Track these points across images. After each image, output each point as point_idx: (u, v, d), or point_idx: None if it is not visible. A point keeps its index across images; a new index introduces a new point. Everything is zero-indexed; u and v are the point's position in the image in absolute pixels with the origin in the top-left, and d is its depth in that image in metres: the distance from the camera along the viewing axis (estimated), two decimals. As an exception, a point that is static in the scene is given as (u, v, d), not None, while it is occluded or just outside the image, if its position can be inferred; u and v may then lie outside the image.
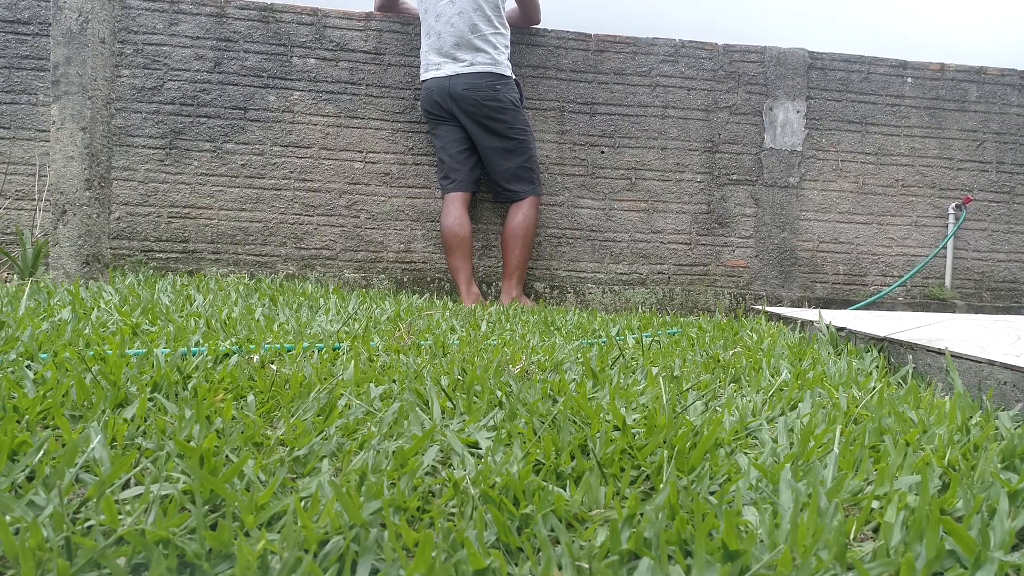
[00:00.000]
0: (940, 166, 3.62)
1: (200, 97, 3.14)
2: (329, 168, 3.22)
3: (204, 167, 3.15)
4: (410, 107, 3.25)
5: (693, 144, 3.44)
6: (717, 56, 3.44)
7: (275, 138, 3.19)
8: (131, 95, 3.10)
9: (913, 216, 3.60)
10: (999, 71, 3.66)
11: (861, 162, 3.55)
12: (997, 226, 3.67)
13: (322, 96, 3.21)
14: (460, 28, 2.93)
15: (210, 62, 3.14)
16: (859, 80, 3.54)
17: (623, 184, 3.40)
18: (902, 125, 3.58)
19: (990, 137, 3.64)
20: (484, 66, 2.96)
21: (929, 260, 3.53)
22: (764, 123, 3.47)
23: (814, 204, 3.53)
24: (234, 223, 3.18)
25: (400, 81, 3.25)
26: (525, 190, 3.11)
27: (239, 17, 3.16)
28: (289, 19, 3.19)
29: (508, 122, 3.02)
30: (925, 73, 3.60)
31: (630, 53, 3.39)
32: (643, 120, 3.40)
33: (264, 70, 3.18)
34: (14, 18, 3.04)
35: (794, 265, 3.52)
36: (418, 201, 3.28)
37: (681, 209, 3.44)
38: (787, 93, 3.48)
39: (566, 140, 3.36)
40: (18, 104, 3.06)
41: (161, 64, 3.12)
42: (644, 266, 3.42)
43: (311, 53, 3.20)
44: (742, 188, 3.47)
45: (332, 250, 3.23)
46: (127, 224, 3.11)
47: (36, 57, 3.06)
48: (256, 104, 3.18)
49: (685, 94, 3.43)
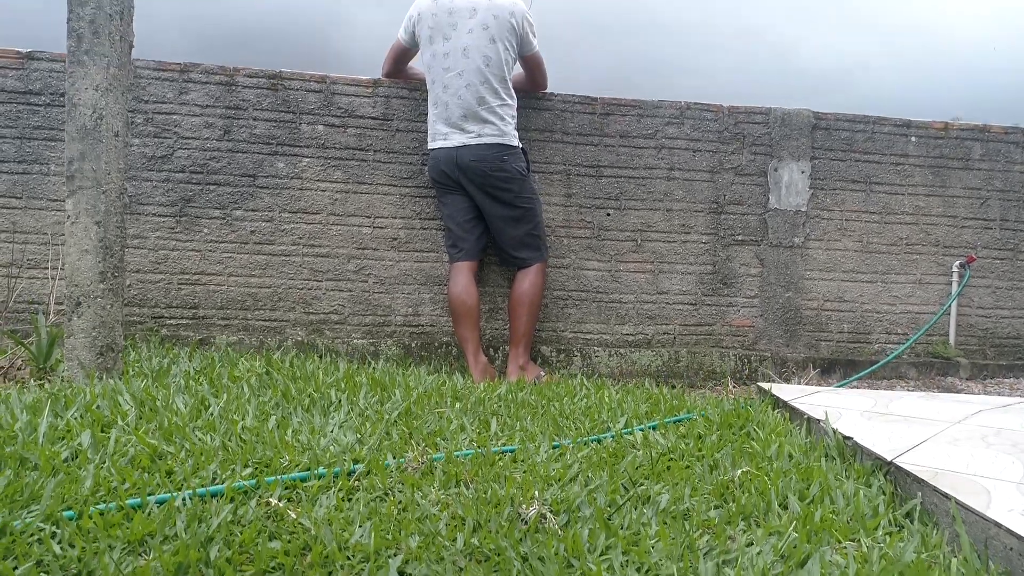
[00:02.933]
0: (944, 224, 3.64)
1: (210, 165, 3.17)
2: (338, 234, 3.25)
3: (214, 234, 3.18)
4: (418, 172, 3.28)
5: (698, 205, 3.46)
6: (722, 118, 3.47)
7: (284, 205, 3.22)
8: (142, 164, 3.13)
9: (917, 274, 3.62)
10: (1003, 129, 3.68)
11: (865, 221, 3.58)
12: (1001, 283, 3.69)
13: (331, 162, 3.24)
14: (467, 100, 2.96)
15: (220, 130, 3.17)
16: (863, 139, 3.56)
17: (629, 246, 3.43)
18: (906, 184, 3.60)
19: (994, 195, 3.66)
20: (491, 137, 2.98)
21: (934, 322, 3.55)
22: (769, 183, 3.49)
23: (819, 263, 3.55)
24: (243, 289, 3.21)
25: (408, 147, 3.28)
26: (532, 257, 3.14)
27: (248, 85, 3.19)
28: (298, 86, 3.22)
29: (515, 191, 3.04)
30: (929, 132, 3.62)
31: (636, 116, 3.42)
32: (649, 182, 3.43)
33: (273, 137, 3.20)
34: (26, 89, 3.07)
35: (799, 324, 3.54)
36: (425, 265, 3.31)
37: (687, 270, 3.46)
38: (792, 154, 3.50)
39: (572, 203, 3.39)
40: (30, 174, 3.09)
41: (171, 133, 3.15)
42: (650, 327, 3.44)
43: (319, 120, 3.23)
44: (747, 248, 3.50)
45: (340, 314, 3.26)
46: (138, 291, 3.14)
47: (48, 127, 3.09)
48: (265, 171, 3.20)
49: (690, 155, 3.45)
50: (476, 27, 2.95)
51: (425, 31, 3.02)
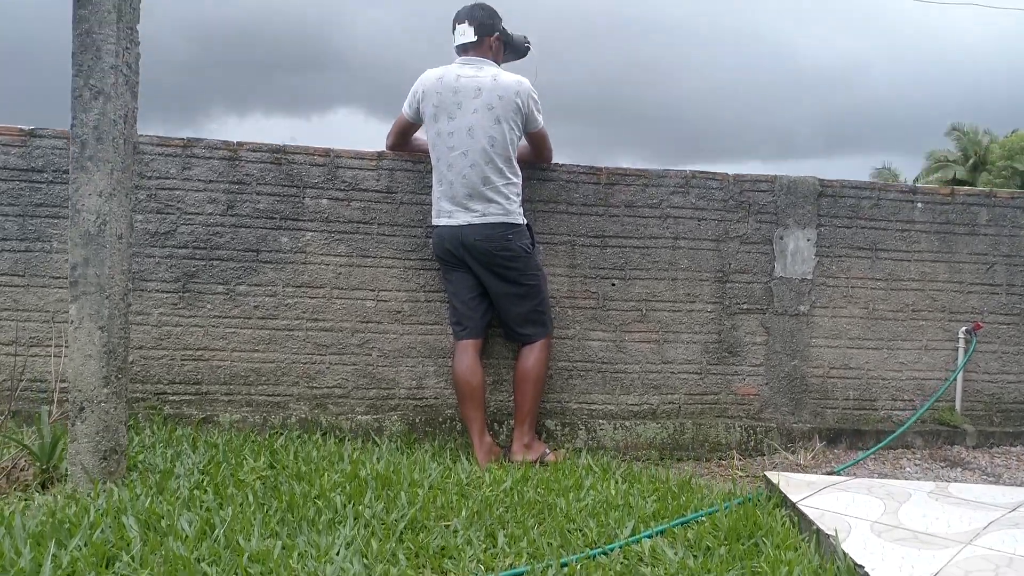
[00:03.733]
0: (950, 290, 3.62)
1: (213, 240, 3.16)
2: (341, 307, 3.23)
3: (217, 309, 3.17)
4: (422, 245, 3.27)
5: (704, 274, 3.45)
6: (727, 186, 3.45)
7: (288, 279, 3.20)
8: (145, 240, 3.11)
9: (923, 340, 3.61)
10: (1009, 194, 3.66)
11: (871, 288, 3.56)
12: (1007, 348, 3.67)
13: (334, 236, 3.22)
14: (472, 180, 2.95)
15: (223, 205, 3.16)
16: (869, 206, 3.55)
17: (634, 316, 3.41)
18: (912, 250, 3.59)
19: (1000, 260, 3.65)
20: (496, 216, 2.97)
21: (940, 393, 3.54)
22: (775, 252, 3.48)
23: (824, 331, 3.53)
24: (247, 364, 3.19)
25: (412, 219, 3.26)
26: (537, 333, 3.12)
27: (252, 160, 3.18)
28: (301, 160, 3.21)
29: (520, 269, 3.03)
30: (935, 198, 3.61)
31: (641, 186, 3.40)
32: (654, 251, 3.42)
33: (277, 212, 3.19)
34: (28, 167, 3.06)
35: (804, 392, 3.52)
36: (430, 338, 3.29)
37: (692, 339, 3.45)
38: (797, 221, 3.49)
39: (577, 273, 3.38)
40: (32, 252, 3.07)
41: (174, 208, 3.13)
42: (655, 396, 3.43)
43: (323, 194, 3.21)
44: (753, 317, 3.48)
45: (344, 388, 3.24)
46: (141, 368, 3.13)
47: (50, 204, 3.07)
48: (269, 246, 3.19)
49: (696, 225, 3.44)
50: (481, 107, 2.93)
51: (430, 109, 3.01)
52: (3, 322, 3.08)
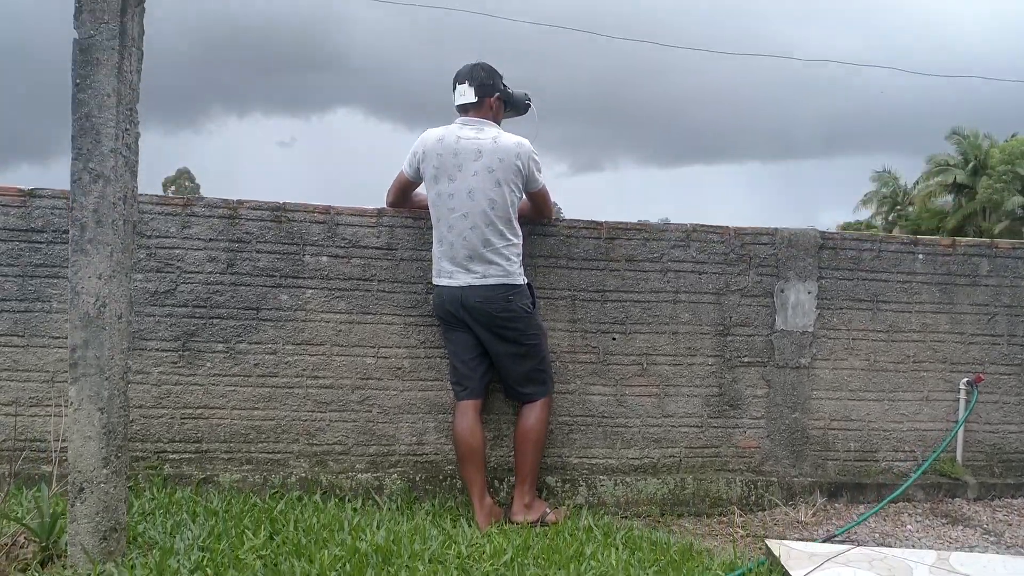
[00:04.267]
0: (951, 341, 3.62)
1: (213, 299, 3.15)
2: (342, 364, 3.23)
3: (217, 368, 3.16)
4: (422, 301, 3.26)
5: (705, 327, 3.44)
6: (728, 240, 3.45)
7: (288, 337, 3.20)
8: (145, 299, 3.11)
9: (924, 391, 3.60)
10: (1010, 245, 3.66)
11: (872, 339, 3.56)
12: (1009, 398, 3.67)
13: (334, 293, 3.22)
14: (472, 242, 2.94)
15: (223, 263, 3.15)
16: (870, 258, 3.55)
17: (634, 370, 3.41)
18: (913, 301, 3.58)
19: (1001, 310, 3.64)
20: (496, 278, 2.96)
21: (941, 449, 3.53)
22: (776, 305, 3.47)
23: (825, 383, 3.53)
24: (247, 422, 3.19)
25: (412, 276, 3.26)
26: (537, 391, 3.11)
27: (251, 218, 3.17)
28: (301, 218, 3.20)
29: (521, 329, 3.02)
30: (936, 249, 3.61)
31: (641, 240, 3.40)
32: (655, 305, 3.41)
33: (277, 270, 3.19)
34: (28, 227, 3.06)
35: (805, 444, 3.52)
36: (430, 394, 3.28)
37: (693, 392, 3.44)
38: (798, 274, 3.48)
39: (577, 328, 3.37)
40: (32, 312, 3.07)
41: (174, 267, 3.13)
42: (656, 450, 3.42)
43: (323, 251, 3.21)
44: (753, 370, 3.47)
45: (344, 445, 3.24)
46: (141, 427, 3.12)
47: (50, 265, 3.07)
48: (269, 304, 3.18)
49: (696, 278, 3.43)
50: (481, 170, 2.93)
51: (430, 170, 3.00)
52: (3, 382, 3.07)
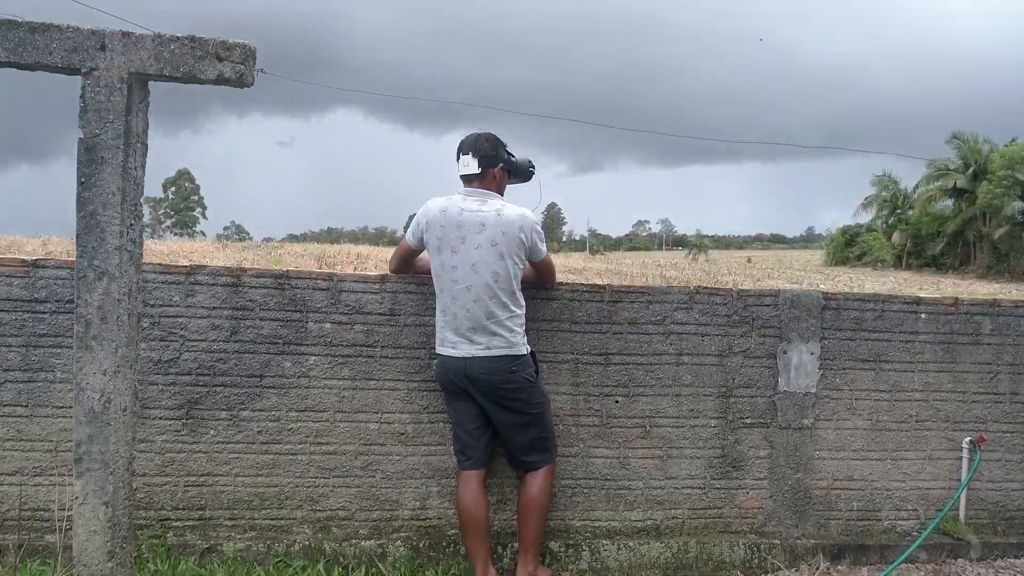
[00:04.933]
0: (954, 399, 3.62)
1: (216, 367, 3.15)
2: (345, 430, 3.23)
3: (221, 435, 3.16)
4: (425, 366, 3.26)
5: (707, 389, 3.45)
6: (731, 302, 3.45)
7: (291, 403, 3.20)
8: (148, 368, 3.11)
9: (927, 450, 3.61)
10: (1012, 303, 3.66)
11: (875, 399, 3.56)
12: (1011, 456, 3.67)
13: (338, 360, 3.22)
14: (476, 314, 2.94)
15: (226, 331, 3.16)
16: (873, 318, 3.55)
17: (637, 432, 3.41)
18: (916, 360, 3.59)
19: (1004, 368, 3.65)
20: (500, 349, 2.96)
21: (947, 510, 3.53)
22: (778, 366, 3.48)
23: (828, 443, 3.53)
24: (250, 489, 3.19)
25: (415, 341, 3.26)
26: (541, 459, 3.12)
27: (255, 286, 3.17)
28: (305, 285, 3.20)
29: (524, 399, 3.03)
30: (939, 308, 3.61)
31: (644, 303, 3.40)
32: (658, 368, 3.41)
33: (280, 337, 3.19)
34: (31, 297, 3.06)
35: (808, 504, 3.52)
36: (433, 458, 3.29)
37: (695, 454, 3.45)
38: (801, 335, 3.48)
39: (580, 391, 3.37)
40: (35, 382, 3.07)
41: (178, 336, 3.13)
42: (658, 512, 3.42)
43: (327, 318, 3.21)
44: (756, 431, 3.48)
45: (348, 511, 3.24)
46: (144, 495, 3.12)
47: (54, 335, 3.07)
48: (272, 371, 3.19)
49: (699, 340, 3.43)
50: (484, 243, 2.93)
51: (434, 241, 3.00)
52: (7, 452, 3.07)
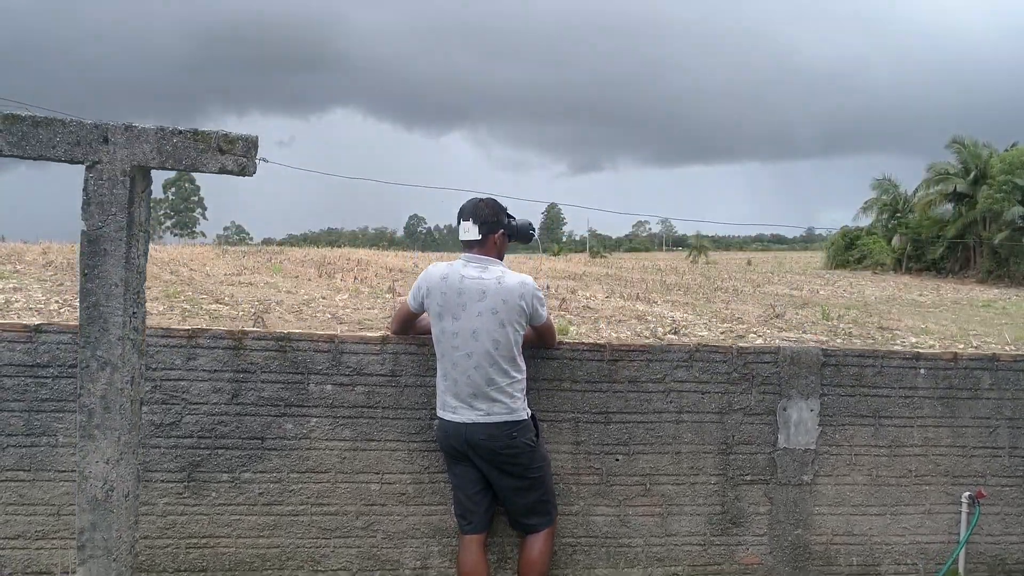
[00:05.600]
0: (953, 454, 3.63)
1: (218, 429, 3.17)
2: (346, 491, 3.24)
3: (222, 497, 3.18)
4: (426, 427, 3.27)
5: (707, 446, 3.46)
6: (731, 359, 3.46)
7: (292, 465, 3.21)
8: (150, 431, 3.12)
9: (926, 504, 3.62)
10: (1012, 357, 3.67)
11: (875, 455, 3.57)
12: (1010, 509, 3.68)
13: (339, 421, 3.23)
14: (476, 381, 2.95)
15: (228, 394, 3.17)
16: (872, 374, 3.56)
17: (638, 490, 3.42)
18: (915, 416, 3.60)
19: (1003, 423, 3.65)
20: (500, 415, 2.97)
21: (947, 567, 3.55)
22: (778, 423, 3.49)
23: (828, 499, 3.54)
24: (252, 550, 3.20)
25: (416, 402, 3.27)
26: (541, 522, 3.13)
27: (256, 348, 3.18)
28: (306, 347, 3.21)
29: (524, 464, 3.04)
30: (938, 363, 3.62)
31: (645, 361, 3.41)
32: (658, 426, 3.42)
33: (281, 399, 3.20)
34: (33, 362, 3.07)
35: (808, 559, 3.53)
36: (434, 518, 3.30)
37: (695, 511, 3.46)
38: (800, 392, 3.49)
39: (581, 450, 3.38)
40: (38, 446, 3.08)
41: (179, 399, 3.14)
42: (659, 569, 3.44)
43: (328, 380, 3.22)
44: (756, 488, 3.49)
45: (349, 571, 3.25)
46: (146, 557, 3.13)
47: (56, 399, 3.08)
48: (273, 433, 3.20)
49: (699, 398, 3.45)
50: (485, 311, 2.94)
51: (435, 307, 3.01)
52: (9, 516, 3.09)
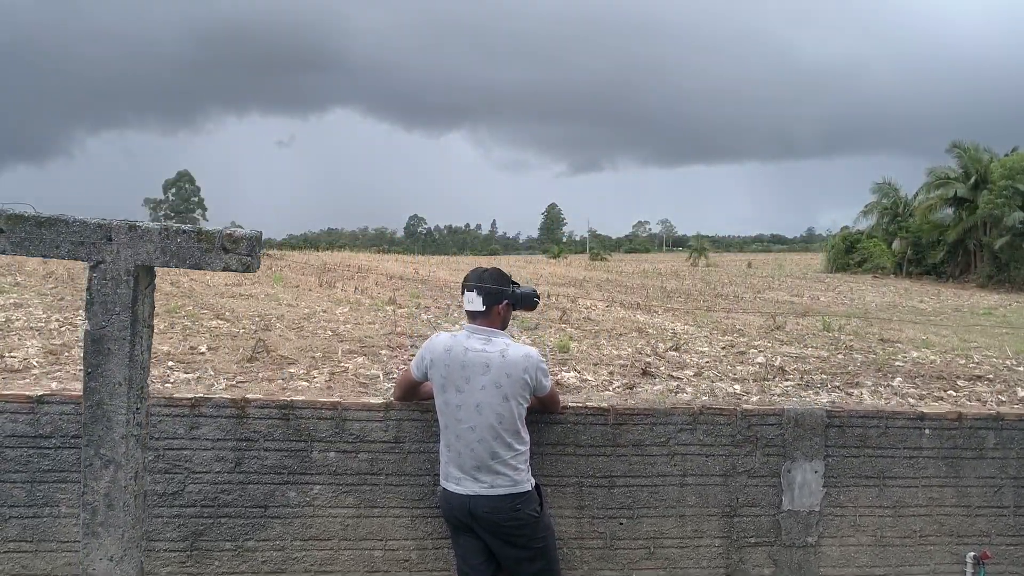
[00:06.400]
0: (958, 514, 3.62)
1: (221, 498, 3.16)
2: (349, 558, 3.23)
3: (225, 566, 3.17)
4: (429, 493, 3.26)
5: (711, 509, 3.45)
6: (735, 421, 3.45)
7: (295, 533, 3.20)
8: (153, 501, 3.11)
9: (931, 564, 3.61)
10: (1016, 416, 3.66)
11: (879, 515, 3.56)
12: (1016, 569, 3.67)
13: (342, 488, 3.22)
14: (480, 454, 2.94)
15: (231, 463, 3.16)
16: (877, 435, 3.55)
17: (642, 553, 3.41)
18: (920, 476, 3.59)
19: (1008, 482, 3.65)
20: (504, 488, 2.96)
21: (948, 632, 3.54)
22: (783, 485, 3.48)
23: (832, 560, 3.53)
24: (255, 618, 3.19)
25: (420, 468, 3.26)
26: (545, 591, 3.11)
27: (259, 416, 3.18)
28: (309, 415, 3.20)
29: (528, 534, 3.02)
30: (943, 423, 3.61)
31: (648, 424, 3.40)
32: (662, 489, 3.41)
33: (284, 467, 3.19)
34: (36, 433, 3.06)
35: (812, 621, 3.52)
36: (438, 584, 3.29)
37: (700, 574, 3.45)
38: (805, 454, 3.48)
39: (584, 514, 3.37)
40: (40, 517, 3.07)
41: (182, 468, 3.13)
42: (663, 632, 3.43)
43: (331, 447, 3.21)
44: (760, 550, 3.48)
45: (352, 638, 3.24)
46: (149, 627, 3.12)
47: (59, 470, 3.07)
48: (276, 501, 3.19)
49: (703, 460, 3.44)
50: (489, 385, 2.93)
51: (438, 378, 3.00)
52: (11, 587, 3.08)
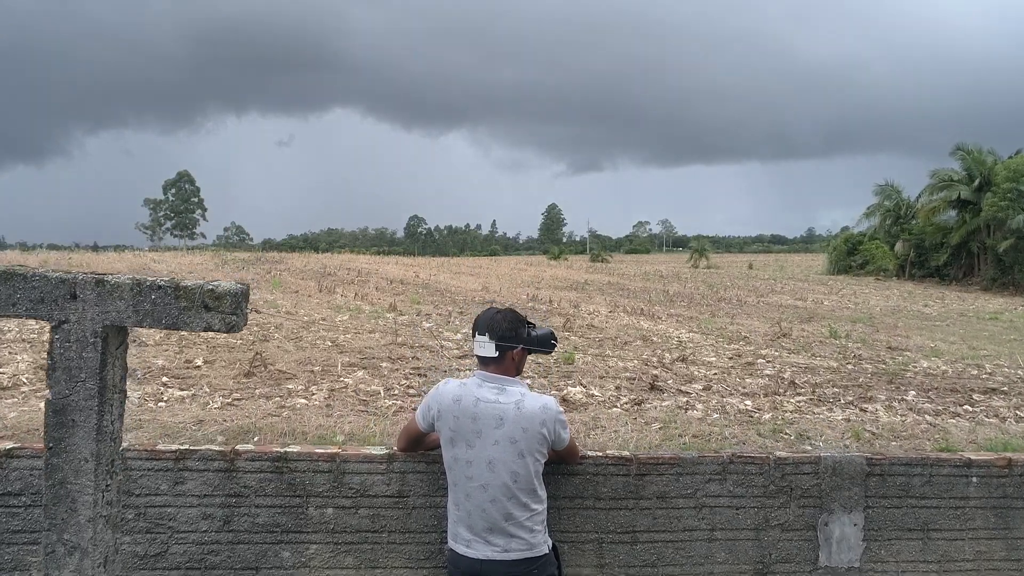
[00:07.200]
0: (1008, 568, 3.35)
1: (208, 559, 2.88)
2: (348, 624, 2.96)
3: (212, 633, 2.89)
4: (436, 552, 2.99)
5: (742, 566, 3.17)
6: (768, 471, 3.18)
7: (290, 597, 2.93)
8: (133, 563, 2.84)
9: (978, 623, 3.33)
10: (1070, 462, 3.39)
11: (923, 571, 3.29)
12: (1068, 627, 3.40)
13: (341, 548, 2.95)
14: (493, 515, 2.67)
15: (219, 521, 2.89)
16: (920, 484, 3.28)
17: (667, 614, 3.14)
18: (966, 528, 3.32)
19: (1061, 534, 3.37)
20: (519, 552, 2.68)
21: None
22: (819, 539, 3.20)
23: (872, 620, 3.26)
24: None
25: (426, 524, 2.99)
26: (563, 660, 2.84)
27: (250, 470, 2.90)
28: (305, 467, 2.93)
29: (545, 602, 2.75)
30: (991, 471, 3.34)
31: (674, 475, 3.13)
32: (688, 544, 3.14)
33: (277, 525, 2.92)
34: (4, 491, 2.79)
35: None
36: (445, 650, 3.01)
37: (729, 636, 3.17)
38: (843, 505, 3.21)
39: (605, 572, 3.10)
40: (9, 582, 2.80)
41: (165, 527, 2.86)
42: None
43: (329, 502, 2.94)
44: (795, 610, 3.20)
45: None
46: None
47: (29, 531, 2.80)
48: (269, 562, 2.92)
49: (733, 513, 3.16)
50: (503, 439, 2.65)
51: (446, 431, 2.72)
52: (-23, 659, 2.81)
